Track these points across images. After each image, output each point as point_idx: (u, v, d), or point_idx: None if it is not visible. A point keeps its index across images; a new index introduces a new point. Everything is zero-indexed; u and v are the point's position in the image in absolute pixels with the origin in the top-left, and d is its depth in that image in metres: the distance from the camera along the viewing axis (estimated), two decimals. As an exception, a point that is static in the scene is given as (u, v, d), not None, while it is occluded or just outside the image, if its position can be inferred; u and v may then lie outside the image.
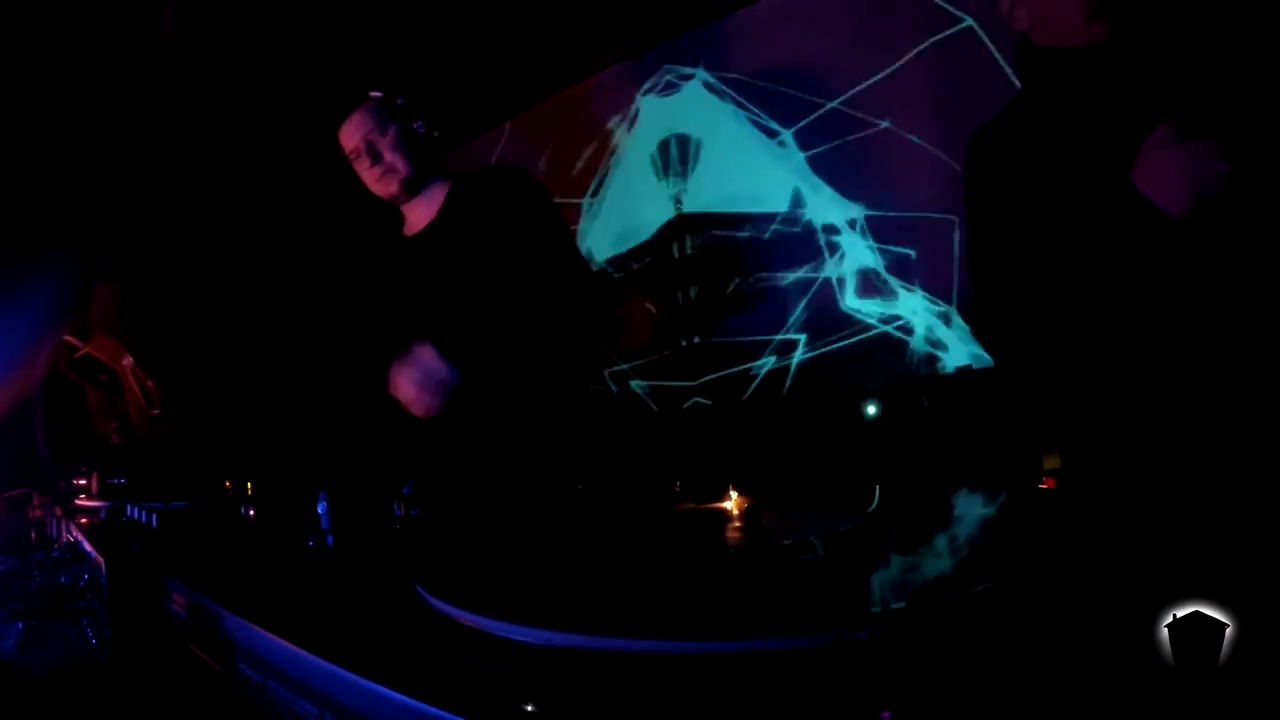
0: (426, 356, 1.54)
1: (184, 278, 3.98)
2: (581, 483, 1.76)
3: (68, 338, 2.87)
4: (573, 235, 1.77)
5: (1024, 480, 1.42)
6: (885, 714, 0.52)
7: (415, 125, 1.81)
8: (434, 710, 0.58)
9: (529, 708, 0.60)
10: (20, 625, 1.58)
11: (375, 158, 1.77)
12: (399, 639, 0.82)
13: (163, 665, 1.27)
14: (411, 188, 1.80)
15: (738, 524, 1.29)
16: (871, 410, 2.53)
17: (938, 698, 0.56)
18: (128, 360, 2.80)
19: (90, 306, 3.89)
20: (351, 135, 1.80)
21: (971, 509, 1.38)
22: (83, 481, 2.82)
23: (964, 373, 2.71)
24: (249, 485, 2.24)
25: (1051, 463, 1.47)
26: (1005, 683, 0.57)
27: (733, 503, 1.39)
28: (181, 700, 1.20)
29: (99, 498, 2.62)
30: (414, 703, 0.60)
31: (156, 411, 2.79)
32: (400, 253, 1.87)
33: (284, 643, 0.81)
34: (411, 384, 1.54)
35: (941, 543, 1.13)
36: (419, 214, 1.84)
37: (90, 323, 3.76)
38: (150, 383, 2.83)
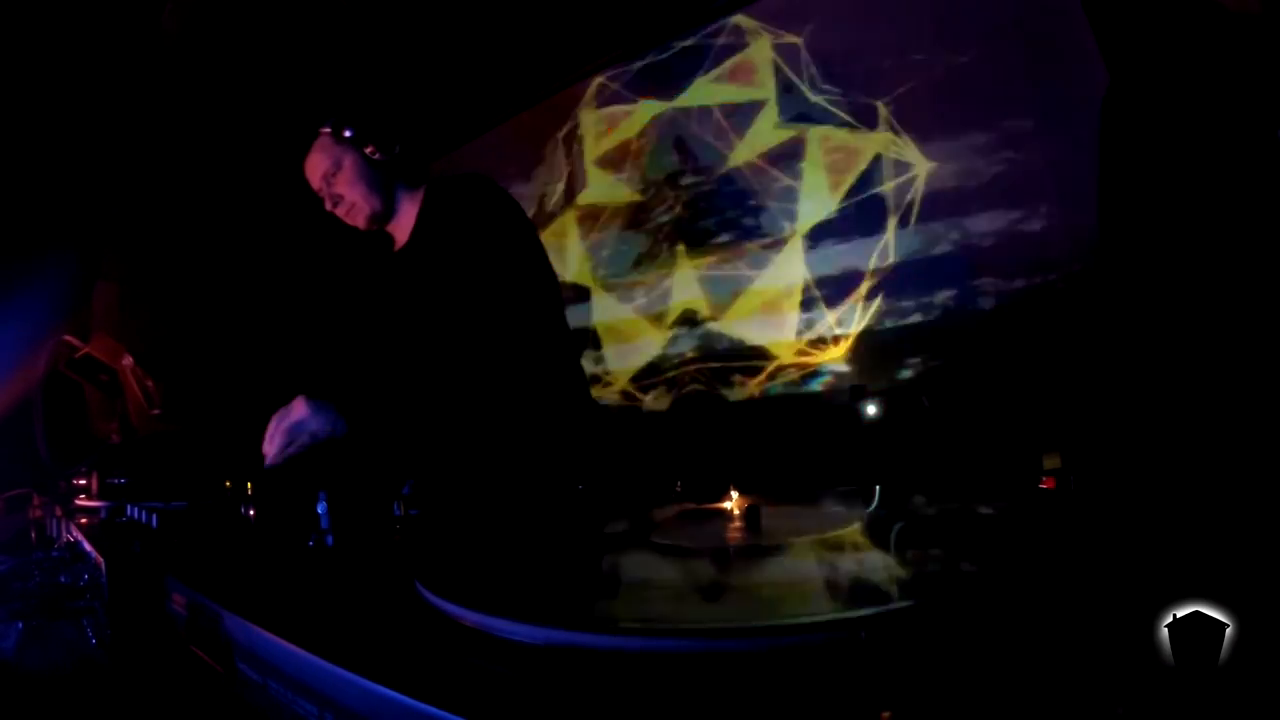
0: (297, 408, 1.52)
1: (184, 277, 3.97)
2: (581, 483, 1.76)
3: (68, 338, 2.87)
4: (542, 248, 1.73)
5: (1024, 480, 1.42)
6: (885, 714, 0.52)
7: (369, 152, 1.69)
8: (434, 710, 0.58)
9: (529, 707, 0.60)
10: (20, 625, 1.58)
11: (335, 200, 1.69)
12: (399, 639, 0.82)
13: (163, 665, 1.27)
14: (380, 219, 1.74)
15: (738, 524, 1.29)
16: (871, 410, 2.53)
17: (938, 698, 0.56)
18: (128, 360, 2.80)
19: (90, 306, 3.89)
20: (312, 176, 1.72)
21: (971, 508, 1.38)
22: (83, 481, 2.82)
23: (964, 373, 2.71)
24: (249, 485, 2.24)
25: (1051, 463, 1.47)
26: (1006, 683, 0.57)
27: (733, 503, 1.39)
28: (181, 700, 1.19)
29: (99, 498, 2.62)
30: (414, 703, 0.60)
31: (156, 411, 2.79)
32: (392, 269, 1.85)
33: (284, 643, 0.81)
34: (271, 433, 1.52)
35: (941, 543, 1.13)
36: (400, 231, 1.81)
37: (90, 323, 3.76)
38: (150, 383, 2.82)
